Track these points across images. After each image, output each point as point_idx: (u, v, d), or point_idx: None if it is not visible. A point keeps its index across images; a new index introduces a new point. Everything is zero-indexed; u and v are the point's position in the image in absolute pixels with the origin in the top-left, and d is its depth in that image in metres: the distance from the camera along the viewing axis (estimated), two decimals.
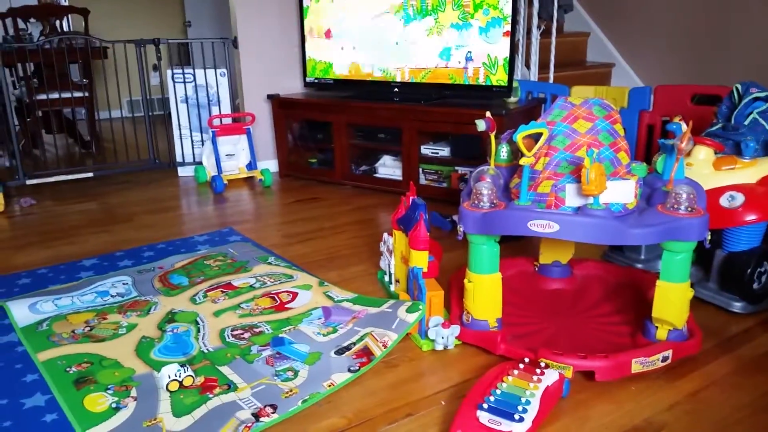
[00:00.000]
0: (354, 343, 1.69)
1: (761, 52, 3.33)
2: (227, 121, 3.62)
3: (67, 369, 1.61)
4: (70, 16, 5.24)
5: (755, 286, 1.84)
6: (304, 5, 3.46)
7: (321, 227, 2.76)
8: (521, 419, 1.29)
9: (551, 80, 3.48)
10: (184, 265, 2.29)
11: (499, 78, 2.98)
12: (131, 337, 1.78)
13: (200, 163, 3.63)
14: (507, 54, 2.93)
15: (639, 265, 2.16)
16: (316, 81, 3.56)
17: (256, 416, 1.40)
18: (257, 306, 1.95)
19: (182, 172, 3.76)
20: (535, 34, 3.44)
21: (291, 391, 1.49)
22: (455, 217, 2.68)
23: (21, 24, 4.38)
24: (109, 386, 1.53)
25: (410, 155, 3.15)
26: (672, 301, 1.57)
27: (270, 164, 3.77)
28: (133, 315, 1.91)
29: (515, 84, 3.05)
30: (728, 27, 3.46)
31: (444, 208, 2.86)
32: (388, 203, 3.09)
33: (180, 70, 3.63)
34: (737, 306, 1.87)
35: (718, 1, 3.49)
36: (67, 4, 5.63)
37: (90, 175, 3.63)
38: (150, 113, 3.71)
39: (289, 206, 3.11)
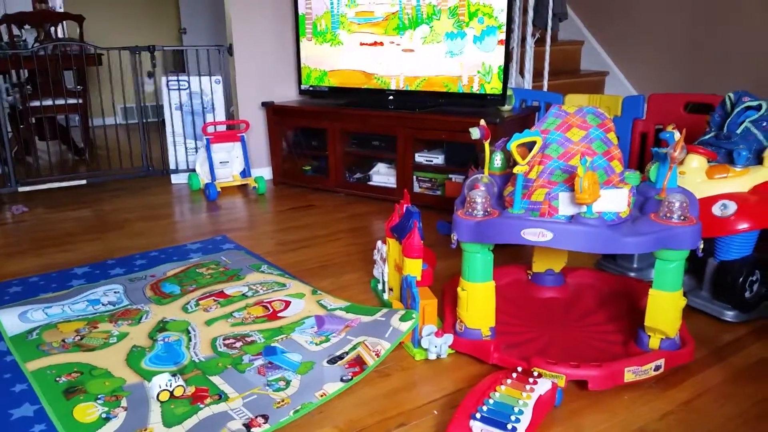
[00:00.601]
0: (347, 353, 1.68)
1: (754, 61, 3.35)
2: (221, 128, 3.61)
3: (57, 379, 1.59)
4: (65, 22, 5.23)
5: (747, 294, 1.84)
6: (300, 13, 3.47)
7: (314, 235, 2.75)
8: (514, 429, 1.28)
9: (545, 88, 3.49)
10: (176, 274, 2.28)
11: (494, 86, 2.98)
12: (122, 346, 1.76)
13: (194, 170, 3.62)
14: (501, 62, 2.94)
15: (632, 274, 2.16)
16: (310, 89, 3.56)
17: (248, 427, 1.38)
18: (249, 315, 1.94)
19: (176, 179, 3.75)
20: (530, 42, 3.45)
21: (283, 401, 1.48)
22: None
23: (15, 30, 4.37)
24: (99, 396, 1.51)
25: (404, 163, 3.15)
26: (665, 309, 1.57)
27: (264, 172, 3.76)
28: (124, 324, 1.89)
29: (509, 92, 3.05)
30: (721, 36, 3.48)
31: (438, 216, 2.85)
32: (382, 211, 3.08)
33: (175, 77, 3.63)
34: (729, 315, 1.88)
35: (711, 11, 3.51)
36: (62, 10, 5.63)
37: (83, 182, 3.62)
38: (144, 120, 3.70)
39: (283, 214, 3.10)
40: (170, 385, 1.50)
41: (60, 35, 5.03)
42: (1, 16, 4.38)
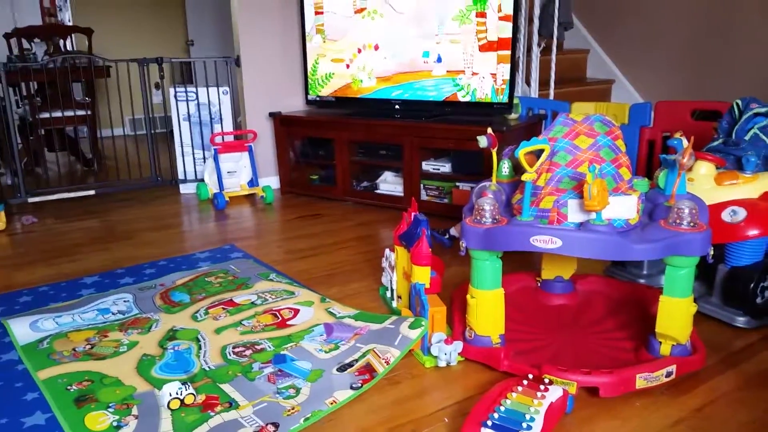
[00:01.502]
0: (356, 360, 1.68)
1: (761, 67, 3.35)
2: (229, 138, 3.63)
3: (68, 387, 1.60)
4: (74, 35, 5.29)
5: (758, 300, 1.84)
6: (306, 24, 3.49)
7: (322, 243, 2.76)
8: None
9: (551, 97, 3.50)
10: (185, 282, 2.29)
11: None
12: (132, 354, 1.77)
13: (202, 180, 3.64)
14: (508, 71, 2.95)
15: (641, 281, 2.16)
16: (317, 99, 3.58)
17: None
18: (259, 323, 1.94)
19: (184, 189, 3.77)
20: (536, 51, 3.47)
21: (293, 408, 1.48)
22: (453, 231, 2.67)
23: (25, 44, 4.42)
24: (110, 404, 1.52)
25: (411, 171, 3.16)
26: (675, 316, 1.56)
27: (272, 181, 3.78)
28: (134, 332, 1.90)
29: (516, 101, 3.06)
30: (728, 43, 3.49)
31: (445, 224, 2.85)
32: (390, 219, 3.09)
33: (182, 89, 3.66)
34: (741, 321, 1.86)
35: (717, 18, 3.52)
36: (71, 23, 5.69)
37: (92, 192, 3.64)
38: (152, 131, 3.73)
39: (291, 223, 3.11)
40: (181, 393, 1.50)
41: (69, 48, 5.08)
42: (11, 30, 4.44)
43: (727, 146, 2.03)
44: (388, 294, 2.10)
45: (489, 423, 1.31)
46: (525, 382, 1.46)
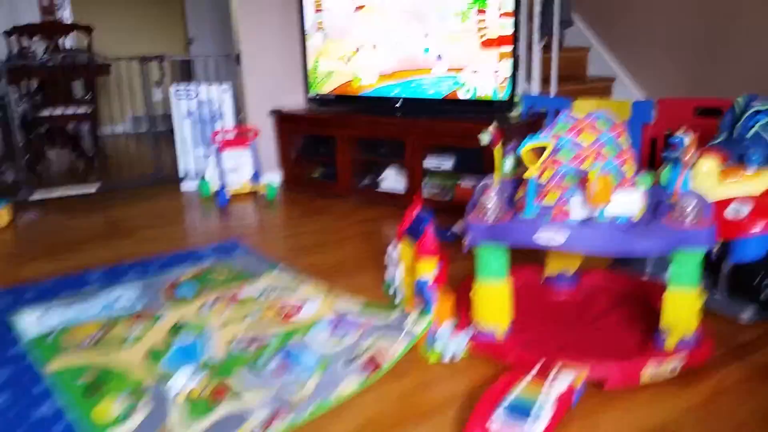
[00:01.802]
0: (362, 353, 1.69)
1: (762, 63, 3.36)
2: (231, 135, 3.64)
3: (76, 380, 1.60)
4: (73, 33, 5.28)
5: (763, 296, 1.85)
6: (306, 21, 3.50)
7: (325, 240, 2.77)
8: (532, 427, 1.28)
9: (553, 95, 3.51)
10: (190, 277, 2.30)
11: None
12: (139, 348, 1.77)
13: (204, 177, 3.64)
14: (509, 68, 2.96)
15: (646, 275, 2.16)
16: (318, 96, 3.58)
17: (265, 426, 1.39)
18: (264, 317, 1.95)
19: (186, 186, 3.77)
20: (537, 48, 3.47)
21: (299, 400, 1.49)
22: (455, 228, 2.68)
23: (25, 42, 4.41)
24: (117, 397, 1.52)
25: (414, 168, 3.17)
26: (681, 308, 1.57)
27: (274, 178, 3.78)
28: (140, 326, 1.90)
29: (517, 98, 3.07)
30: (729, 39, 3.50)
31: (448, 220, 2.86)
32: (392, 216, 3.09)
33: (183, 86, 3.66)
34: (746, 315, 1.88)
35: (718, 14, 3.53)
36: (70, 21, 5.68)
37: (94, 190, 3.64)
38: (154, 129, 3.73)
39: (293, 219, 3.12)
40: (187, 386, 1.51)
41: (69, 46, 5.07)
42: (11, 28, 4.43)
43: (729, 144, 2.04)
44: (393, 289, 2.10)
45: (495, 415, 1.32)
46: (531, 374, 1.47)
